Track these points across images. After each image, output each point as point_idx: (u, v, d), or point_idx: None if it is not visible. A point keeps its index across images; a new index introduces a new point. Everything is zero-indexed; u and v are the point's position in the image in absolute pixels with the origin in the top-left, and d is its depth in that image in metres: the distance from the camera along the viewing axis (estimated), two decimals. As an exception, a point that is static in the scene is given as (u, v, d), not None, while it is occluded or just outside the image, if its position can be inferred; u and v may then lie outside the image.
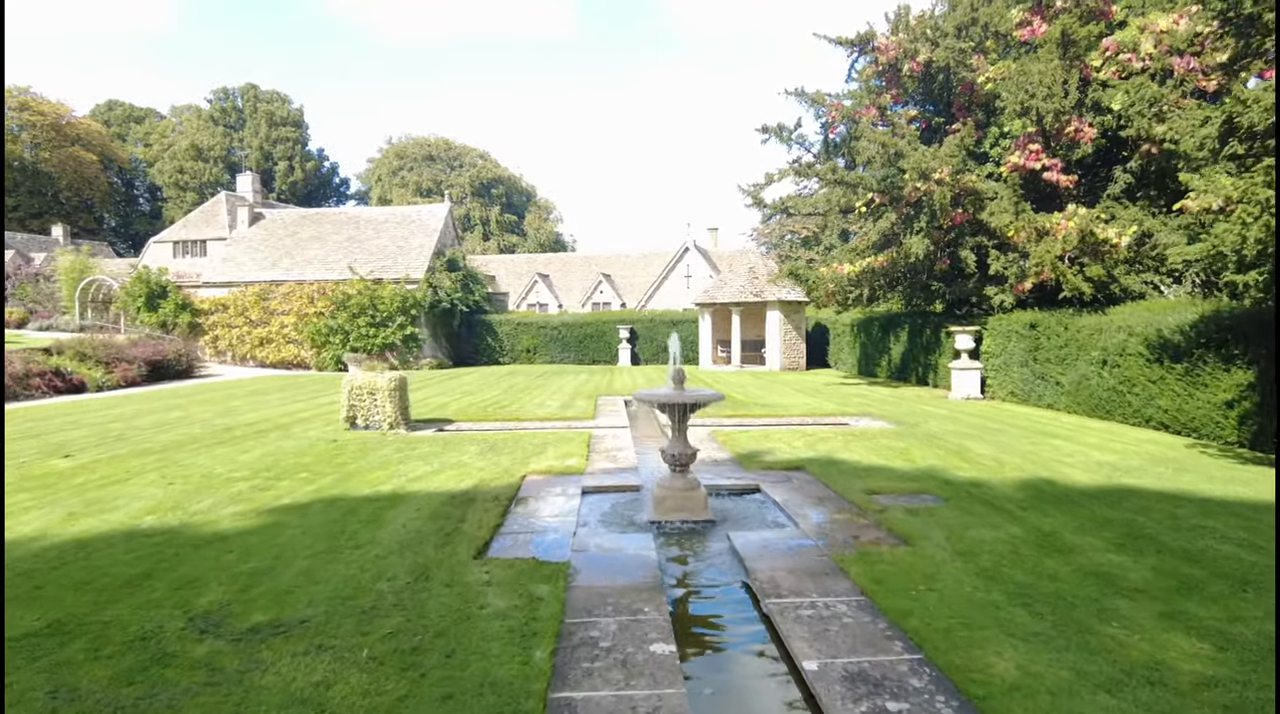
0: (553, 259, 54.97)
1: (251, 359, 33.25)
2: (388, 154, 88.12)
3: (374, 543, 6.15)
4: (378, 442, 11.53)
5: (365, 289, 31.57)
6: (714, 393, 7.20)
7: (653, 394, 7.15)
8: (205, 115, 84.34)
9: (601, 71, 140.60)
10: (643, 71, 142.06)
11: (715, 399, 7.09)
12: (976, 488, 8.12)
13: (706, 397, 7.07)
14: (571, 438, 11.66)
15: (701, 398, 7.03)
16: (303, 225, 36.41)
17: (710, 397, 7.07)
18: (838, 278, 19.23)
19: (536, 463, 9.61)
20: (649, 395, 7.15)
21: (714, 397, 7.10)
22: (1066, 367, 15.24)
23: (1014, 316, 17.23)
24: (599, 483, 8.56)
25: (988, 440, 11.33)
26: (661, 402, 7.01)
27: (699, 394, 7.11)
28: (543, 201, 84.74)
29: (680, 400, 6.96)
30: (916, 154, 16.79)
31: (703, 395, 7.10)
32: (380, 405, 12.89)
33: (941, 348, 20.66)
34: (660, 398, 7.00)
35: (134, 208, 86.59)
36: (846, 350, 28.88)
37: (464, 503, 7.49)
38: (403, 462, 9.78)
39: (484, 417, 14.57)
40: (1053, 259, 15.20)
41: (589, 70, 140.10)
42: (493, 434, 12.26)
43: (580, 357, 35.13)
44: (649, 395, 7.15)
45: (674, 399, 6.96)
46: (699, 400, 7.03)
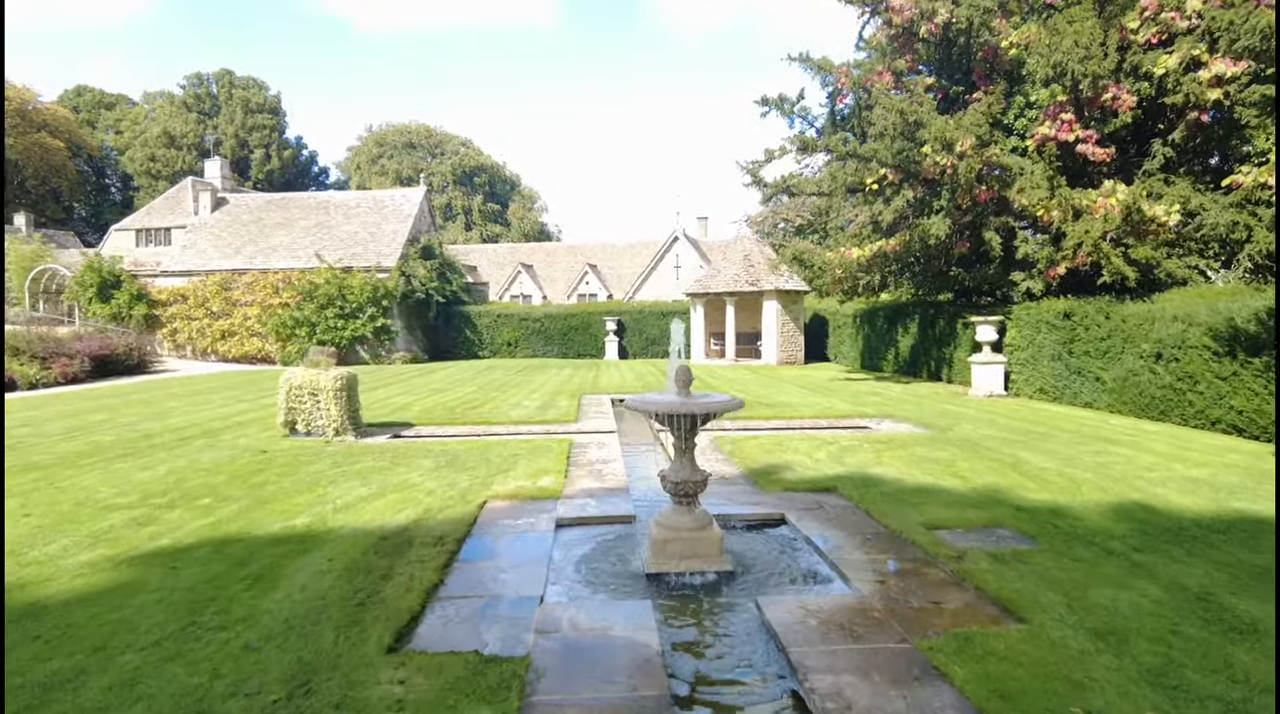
0: (537, 249, 52.94)
1: (213, 353, 31.13)
2: (367, 142, 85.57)
3: (251, 620, 4.27)
4: (315, 453, 9.62)
5: (333, 278, 29.52)
6: (728, 398, 5.37)
7: (651, 401, 5.30)
8: (178, 102, 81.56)
9: (586, 59, 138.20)
10: (629, 59, 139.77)
11: (732, 407, 5.25)
12: (1060, 518, 6.33)
13: (720, 404, 5.22)
14: (548, 448, 9.78)
15: (715, 406, 5.19)
16: (269, 211, 34.23)
17: (725, 404, 5.23)
18: (846, 263, 17.43)
19: (502, 483, 7.74)
20: (646, 402, 5.30)
21: (730, 404, 5.26)
22: (1109, 361, 13.51)
23: (1044, 305, 15.48)
24: (579, 512, 6.70)
25: (1039, 448, 9.57)
26: (662, 411, 5.16)
27: (712, 401, 5.27)
28: (527, 191, 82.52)
29: (687, 410, 5.12)
30: (939, 122, 14.98)
31: (716, 402, 5.26)
32: (324, 408, 10.97)
33: (957, 340, 18.92)
34: (661, 406, 5.15)
35: (105, 197, 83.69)
36: (848, 343, 27.13)
37: (397, 547, 5.62)
38: (335, 482, 7.89)
39: (450, 420, 12.67)
40: (1095, 240, 13.45)
41: (573, 58, 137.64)
42: (456, 442, 10.37)
43: (564, 350, 33.21)
44: (646, 402, 5.30)
45: (679, 409, 5.11)
46: (712, 410, 5.19)
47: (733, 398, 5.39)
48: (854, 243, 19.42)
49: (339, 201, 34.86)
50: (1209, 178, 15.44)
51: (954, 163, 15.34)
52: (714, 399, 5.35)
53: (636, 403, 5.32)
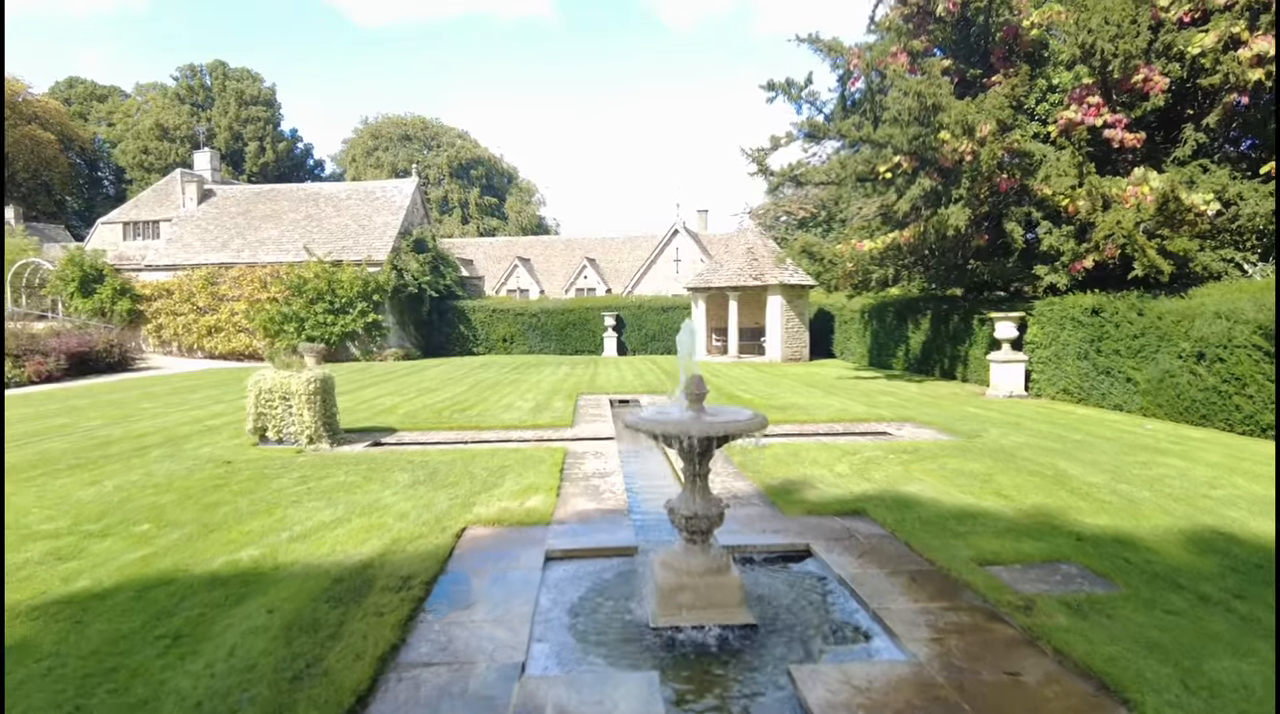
0: (534, 242, 51.93)
1: (199, 350, 30.19)
2: (362, 134, 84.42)
3: (151, 706, 3.37)
4: (282, 465, 8.71)
5: (323, 272, 28.60)
6: (750, 415, 4.47)
7: (656, 419, 4.39)
8: (171, 93, 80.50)
9: (584, 51, 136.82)
10: (627, 50, 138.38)
11: (755, 427, 4.34)
12: (1131, 550, 5.44)
13: (741, 423, 4.32)
14: (540, 459, 8.88)
15: (735, 427, 4.28)
16: (256, 203, 33.23)
17: (747, 423, 4.33)
18: (858, 256, 16.50)
19: (485, 504, 6.84)
20: (651, 421, 4.39)
21: (752, 422, 4.35)
22: (1143, 361, 12.61)
23: (1069, 300, 14.57)
24: (572, 542, 5.79)
25: (1081, 459, 8.68)
26: (670, 433, 4.25)
27: (730, 419, 4.37)
28: (524, 183, 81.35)
29: (701, 432, 4.21)
30: (959, 105, 14.05)
31: (736, 420, 4.36)
32: (296, 413, 10.06)
33: (973, 337, 18.03)
34: (669, 427, 4.25)
35: (98, 190, 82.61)
36: (855, 339, 26.23)
37: (354, 590, 4.72)
38: (298, 502, 6.98)
39: (436, 424, 11.77)
40: (1128, 230, 12.53)
41: (571, 50, 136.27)
42: (439, 452, 9.46)
43: (562, 346, 32.29)
44: (651, 421, 4.39)
45: (691, 430, 4.21)
46: (731, 431, 4.28)
47: (755, 414, 4.48)
48: (862, 235, 18.52)
49: (329, 193, 33.86)
50: (1245, 165, 14.54)
51: (974, 149, 14.42)
52: (733, 417, 4.44)
53: (640, 421, 4.40)
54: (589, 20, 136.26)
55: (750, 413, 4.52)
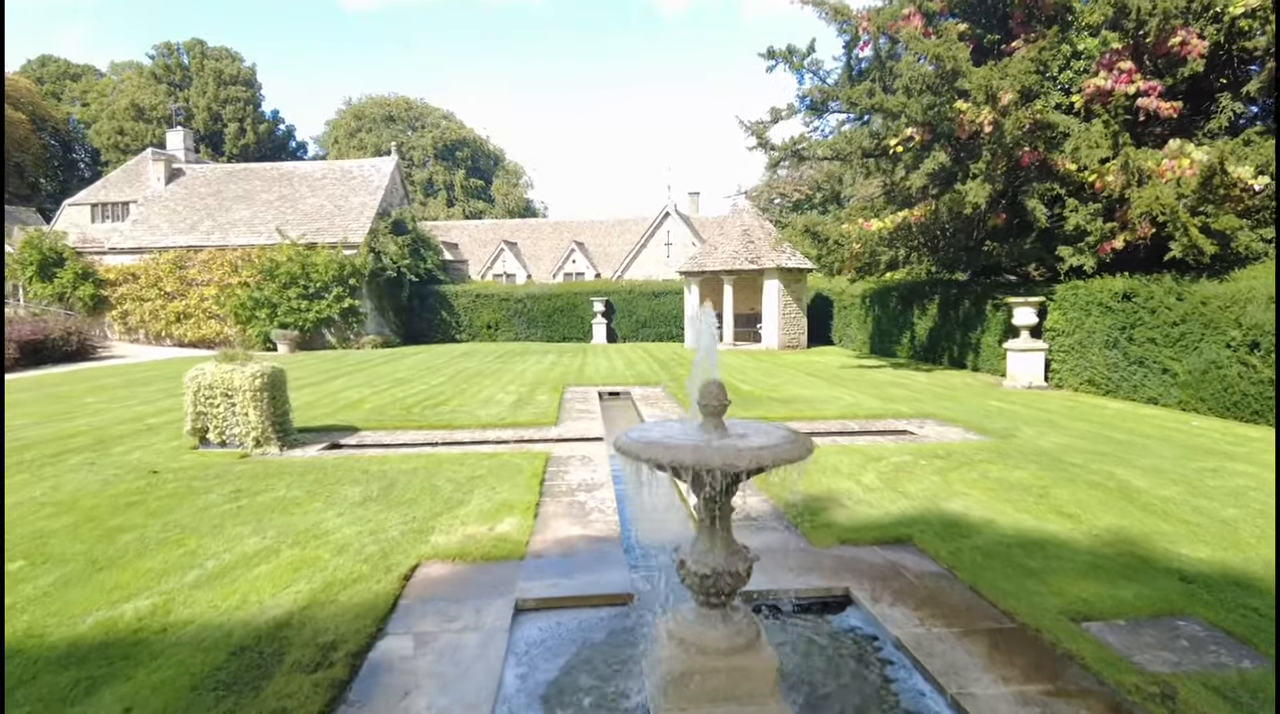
0: (521, 226, 50.44)
1: (168, 337, 28.74)
2: (345, 115, 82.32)
3: None
4: (217, 475, 7.46)
5: (296, 256, 27.17)
6: (786, 435, 3.28)
7: (663, 441, 3.19)
8: (147, 73, 78.24)
9: (572, 32, 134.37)
10: (616, 31, 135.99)
11: (799, 455, 3.15)
12: (1254, 595, 4.31)
13: (782, 449, 3.12)
14: (518, 466, 7.67)
15: (772, 456, 3.09)
16: (228, 183, 31.67)
17: (782, 449, 3.13)
18: (865, 236, 15.30)
19: (446, 530, 5.63)
20: (655, 444, 3.19)
21: (793, 448, 3.16)
22: (1183, 350, 11.51)
23: (1095, 284, 13.45)
24: (550, 588, 4.59)
25: (1138, 465, 7.55)
26: (682, 462, 3.05)
27: (765, 443, 3.16)
28: (511, 166, 79.54)
29: (727, 464, 3.01)
30: (982, 70, 12.83)
31: (773, 443, 3.16)
32: (240, 413, 8.80)
33: (985, 323, 16.92)
34: (680, 454, 3.05)
35: (73, 172, 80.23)
36: (855, 326, 25.09)
37: (253, 670, 3.52)
38: (221, 527, 5.75)
39: (404, 422, 10.53)
40: (1169, 206, 11.38)
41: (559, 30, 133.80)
42: (401, 458, 8.23)
43: (549, 333, 31.01)
44: (655, 444, 3.19)
45: (713, 460, 3.01)
46: (767, 460, 3.08)
47: (794, 435, 3.29)
48: (866, 215, 17.34)
49: (303, 173, 32.31)
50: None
51: (995, 119, 13.23)
52: (765, 439, 3.24)
53: (641, 445, 3.20)
54: (578, 1, 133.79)
55: (785, 432, 3.33)
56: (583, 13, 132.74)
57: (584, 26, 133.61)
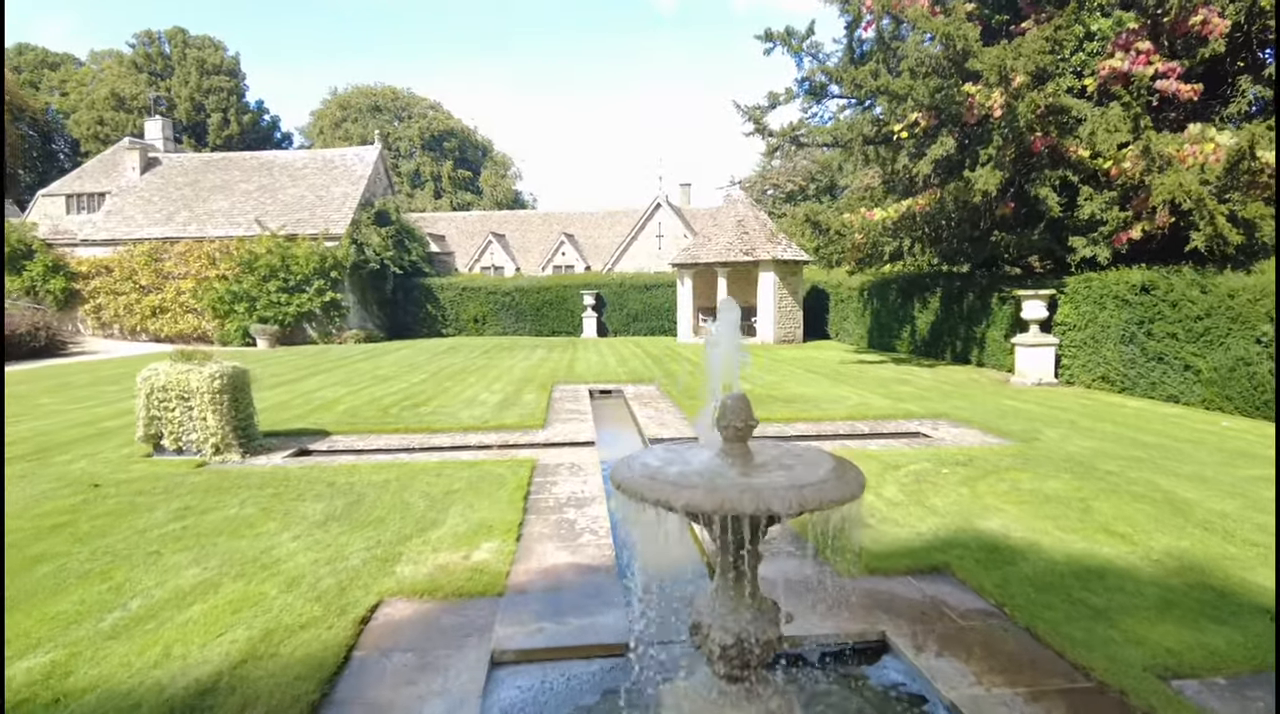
0: (509, 217, 49.52)
1: (143, 332, 27.82)
2: (330, 105, 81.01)
3: None
4: (166, 488, 6.71)
5: (276, 247, 26.31)
6: (833, 466, 2.58)
7: (676, 479, 2.47)
8: (127, 61, 76.74)
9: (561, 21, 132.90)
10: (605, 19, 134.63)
11: (850, 494, 2.45)
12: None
13: (828, 485, 2.42)
14: (500, 477, 6.95)
15: (811, 494, 2.38)
16: (206, 173, 30.70)
17: (836, 485, 2.43)
18: (868, 225, 14.62)
19: (415, 557, 4.91)
20: (666, 481, 2.47)
21: (842, 485, 2.45)
22: (1207, 346, 10.89)
23: (1111, 276, 12.82)
24: (533, 636, 3.87)
25: (1182, 474, 6.91)
26: (699, 506, 2.34)
27: (804, 479, 2.45)
28: (500, 157, 78.44)
29: (760, 507, 2.30)
30: (994, 50, 12.14)
31: (813, 481, 2.44)
32: (198, 417, 8.04)
33: (990, 317, 16.29)
34: (696, 495, 2.34)
35: (52, 163, 78.66)
36: (853, 319, 24.46)
37: (157, 763, 2.80)
38: (156, 555, 5.02)
39: (380, 425, 9.78)
40: (1197, 193, 10.74)
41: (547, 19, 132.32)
42: (373, 467, 7.49)
43: (538, 327, 30.24)
44: (666, 481, 2.47)
45: (741, 503, 2.31)
46: (811, 501, 2.38)
47: (837, 464, 2.60)
48: (868, 204, 16.67)
49: (284, 162, 31.36)
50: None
51: (1006, 102, 12.56)
52: (801, 472, 2.53)
53: (647, 484, 2.48)
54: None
55: (830, 463, 2.64)
56: (573, 1, 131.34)
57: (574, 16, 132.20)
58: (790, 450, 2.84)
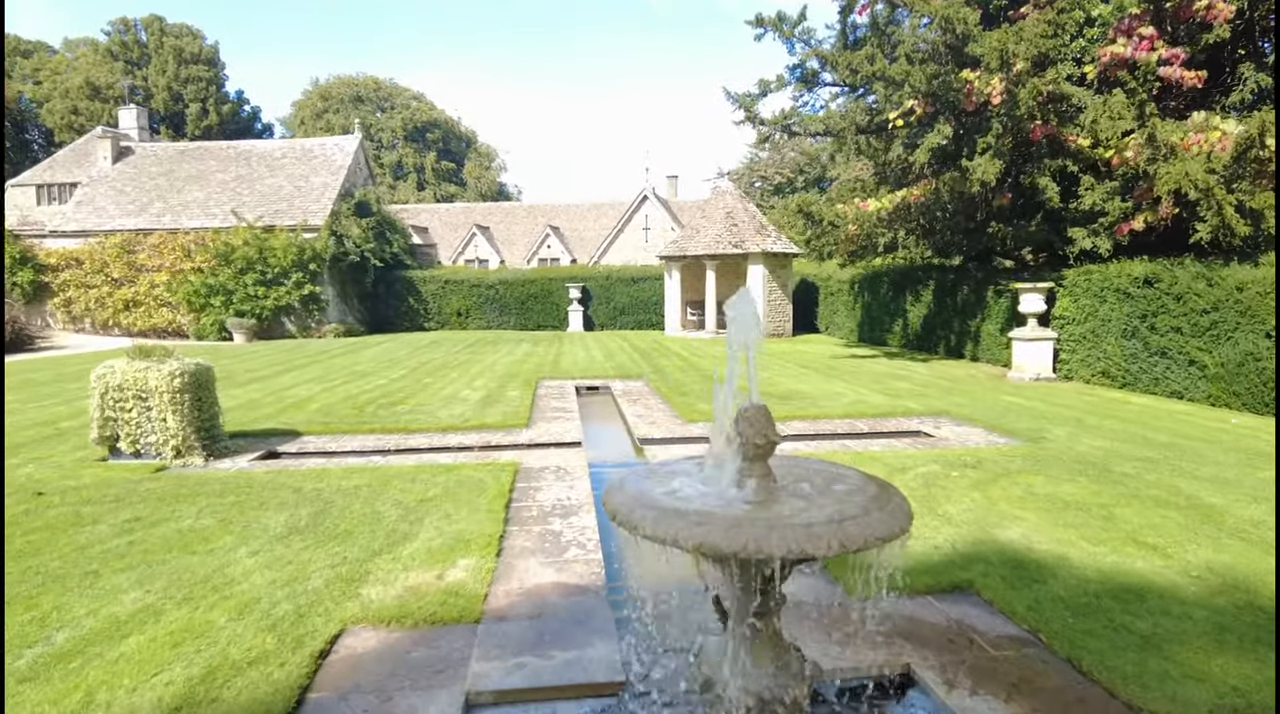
0: (493, 209, 48.87)
1: (116, 326, 27.04)
2: (311, 96, 79.71)
3: None
4: (117, 497, 6.19)
5: (253, 239, 25.61)
6: (871, 491, 2.14)
7: (682, 512, 2.00)
8: (103, 50, 75.11)
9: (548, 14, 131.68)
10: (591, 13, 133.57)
11: (897, 529, 2.01)
12: None
13: (860, 523, 1.97)
14: (480, 482, 6.47)
15: (855, 530, 1.94)
16: (181, 163, 29.89)
17: (875, 524, 1.98)
18: (863, 216, 14.21)
19: (384, 576, 4.44)
20: (671, 513, 2.00)
21: (887, 518, 2.01)
22: (1214, 341, 10.56)
23: (1112, 269, 12.49)
24: (512, 674, 3.42)
25: (1202, 476, 6.54)
26: (716, 546, 1.88)
27: (841, 513, 2.00)
28: (484, 148, 77.54)
29: (789, 552, 1.85)
30: (996, 34, 11.75)
31: (852, 515, 2.00)
32: (158, 418, 7.52)
33: (985, 310, 15.95)
34: (711, 537, 1.88)
35: (26, 153, 77.01)
36: (843, 313, 24.09)
37: None
38: (95, 575, 4.52)
39: (355, 424, 9.27)
40: (1206, 182, 10.39)
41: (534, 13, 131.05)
42: (343, 472, 7.00)
43: (522, 321, 29.70)
44: (671, 513, 2.00)
45: (768, 543, 1.85)
46: (850, 539, 1.94)
47: (877, 488, 2.15)
48: (861, 195, 16.29)
49: (262, 152, 30.59)
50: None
51: (1007, 89, 12.18)
52: (835, 505, 2.09)
53: (652, 516, 2.03)
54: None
55: (871, 488, 2.19)
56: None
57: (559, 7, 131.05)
58: (815, 469, 2.40)
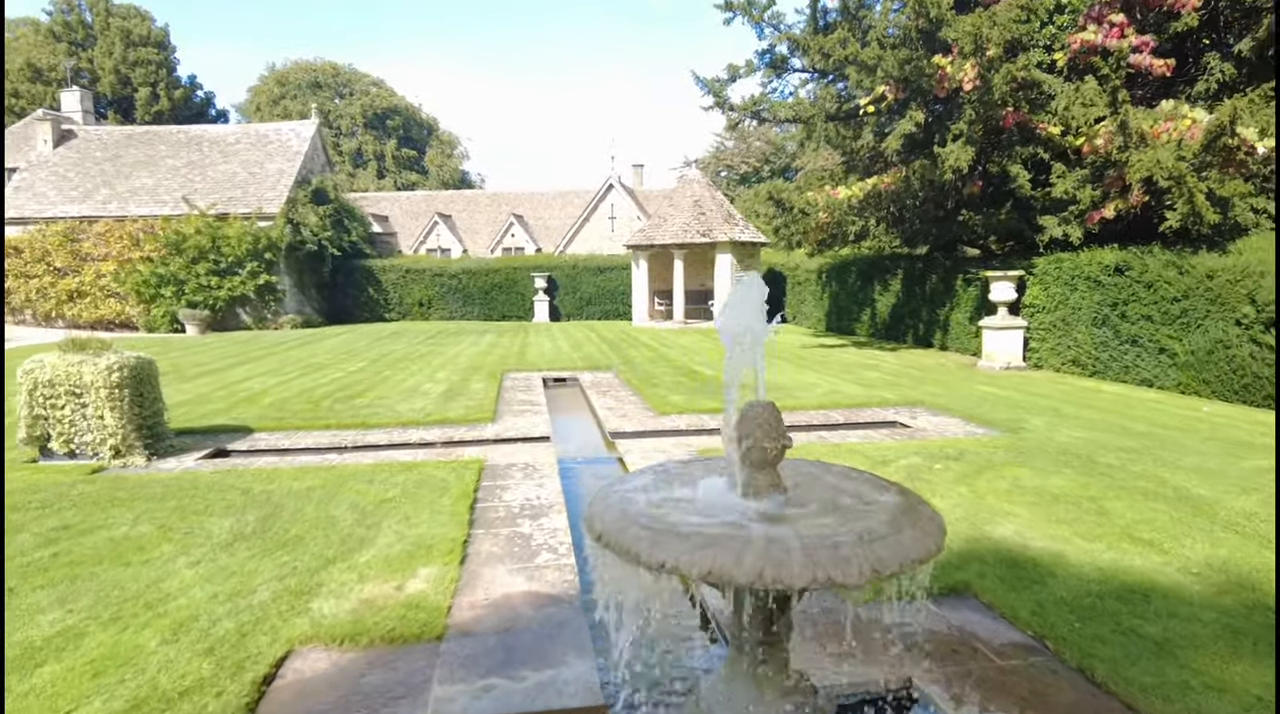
0: (456, 197, 47.95)
1: (60, 318, 25.92)
2: (268, 81, 77.59)
3: None
4: (45, 503, 5.70)
5: (206, 227, 24.69)
6: (889, 500, 1.85)
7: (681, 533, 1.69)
8: (44, 30, 72.10)
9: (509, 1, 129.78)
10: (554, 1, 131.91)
11: (933, 550, 1.72)
12: None
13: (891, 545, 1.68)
14: (443, 482, 6.10)
15: (887, 553, 1.64)
16: (128, 147, 28.71)
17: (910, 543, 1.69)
18: (833, 204, 14.02)
19: (337, 588, 4.06)
20: (668, 534, 1.69)
21: (918, 538, 1.72)
22: (1184, 328, 10.55)
23: (1083, 257, 12.45)
24: (478, 701, 3.08)
25: (1186, 466, 6.43)
26: (724, 577, 1.57)
27: (871, 530, 1.70)
28: (446, 136, 76.22)
29: (813, 580, 1.55)
30: (969, 19, 11.58)
31: (882, 533, 1.69)
32: (94, 415, 7.00)
33: (955, 299, 15.90)
34: (721, 564, 1.57)
35: (-37, 139, 73.85)
36: (811, 302, 24.00)
37: None
38: (10, 597, 4.07)
39: (309, 420, 8.81)
40: (1178, 170, 10.34)
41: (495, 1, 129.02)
42: (295, 472, 6.57)
43: (487, 311, 29.15)
44: (668, 534, 1.69)
45: (785, 573, 1.56)
46: (883, 562, 1.63)
47: (906, 500, 1.86)
48: (831, 183, 16.11)
49: (214, 137, 29.52)
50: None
51: (979, 74, 12.04)
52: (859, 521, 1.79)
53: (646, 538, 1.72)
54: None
55: (892, 496, 1.90)
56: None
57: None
58: (815, 472, 2.11)
